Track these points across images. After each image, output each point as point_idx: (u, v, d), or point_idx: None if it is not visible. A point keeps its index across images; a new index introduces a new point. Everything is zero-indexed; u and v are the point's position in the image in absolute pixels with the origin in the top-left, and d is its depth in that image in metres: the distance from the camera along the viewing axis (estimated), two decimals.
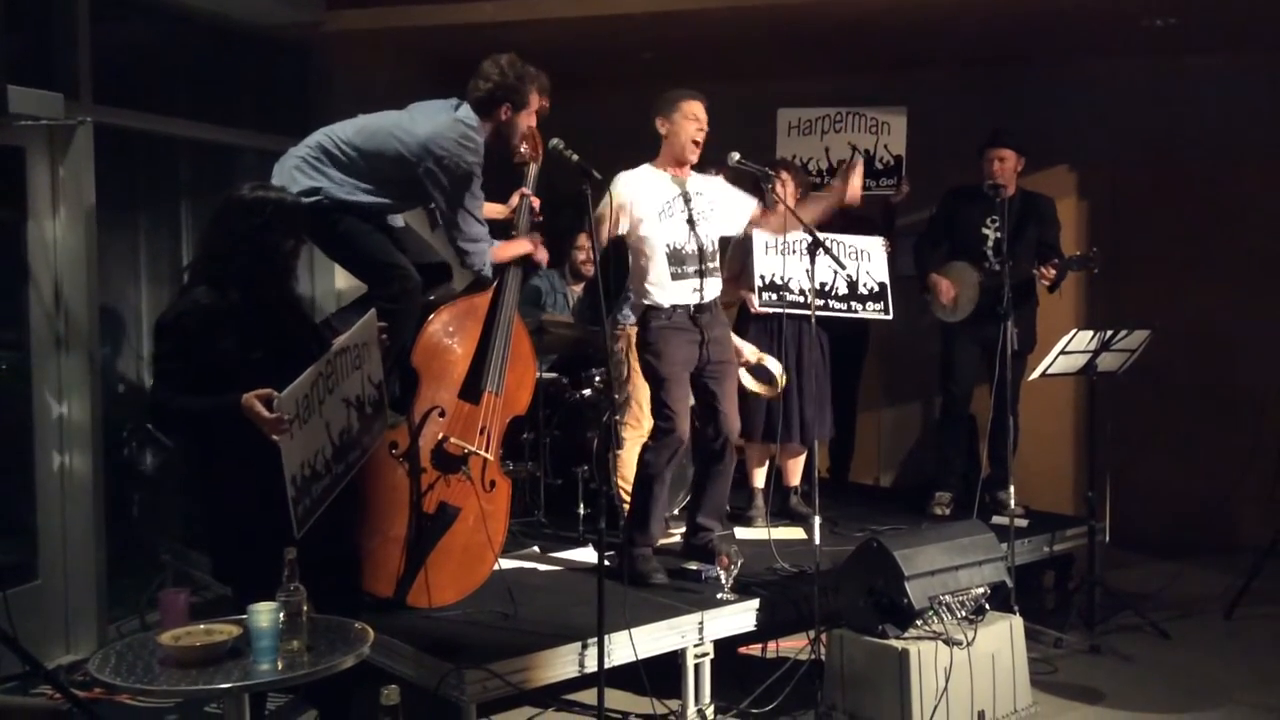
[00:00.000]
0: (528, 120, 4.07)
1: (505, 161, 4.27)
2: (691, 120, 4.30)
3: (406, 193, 4.01)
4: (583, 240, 5.78)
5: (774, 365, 4.93)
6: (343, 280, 5.58)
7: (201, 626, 2.65)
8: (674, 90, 4.36)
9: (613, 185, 4.30)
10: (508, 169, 4.29)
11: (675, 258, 4.33)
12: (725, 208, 4.49)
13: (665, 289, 4.33)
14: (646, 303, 4.37)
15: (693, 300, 4.36)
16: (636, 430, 5.02)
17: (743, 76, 6.57)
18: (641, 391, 4.95)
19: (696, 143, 4.32)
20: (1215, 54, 6.17)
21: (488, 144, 4.00)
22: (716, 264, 4.45)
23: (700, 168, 4.48)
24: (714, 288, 4.44)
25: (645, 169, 4.40)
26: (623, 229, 4.32)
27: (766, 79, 6.73)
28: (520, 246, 4.20)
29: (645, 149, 4.43)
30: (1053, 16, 5.60)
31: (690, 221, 4.36)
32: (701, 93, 4.36)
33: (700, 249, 4.36)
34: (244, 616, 2.56)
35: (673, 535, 4.81)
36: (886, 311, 5.18)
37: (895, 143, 5.80)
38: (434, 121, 3.92)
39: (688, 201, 4.37)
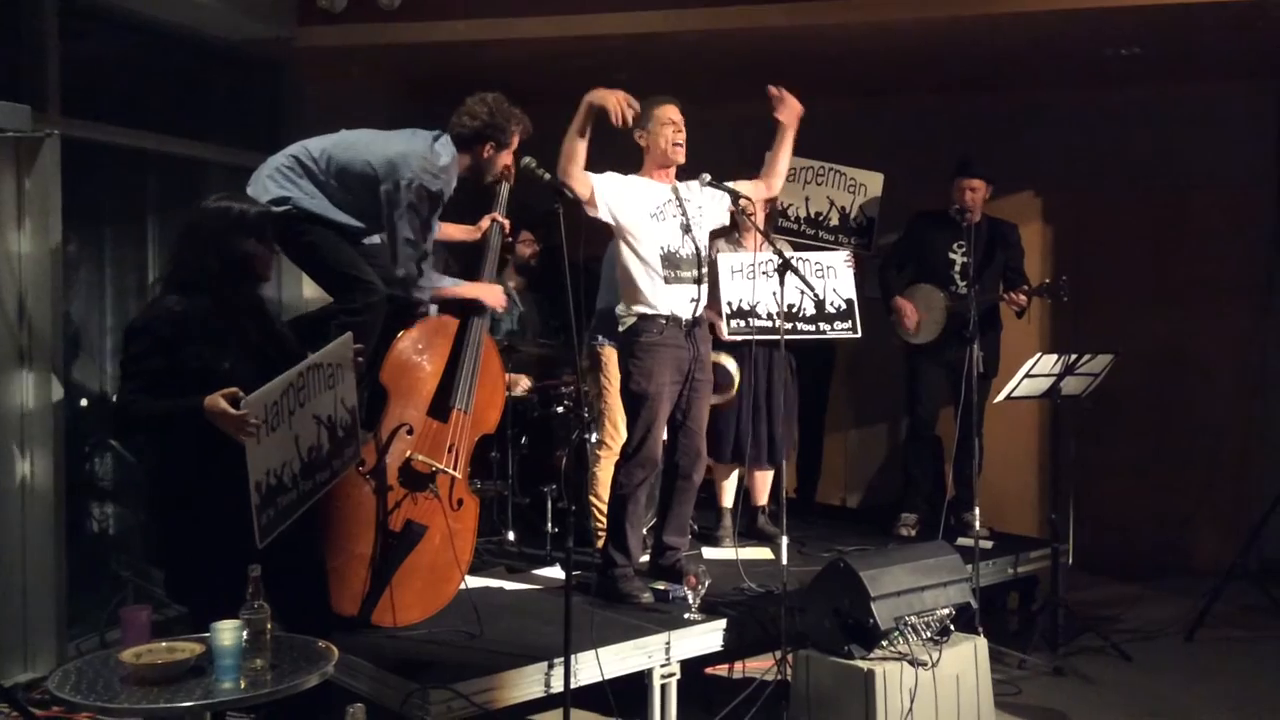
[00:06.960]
0: (505, 160, 4.12)
1: (476, 183, 4.28)
2: (667, 124, 4.27)
3: (370, 213, 3.98)
4: (523, 235, 5.79)
5: (730, 363, 4.90)
6: (310, 289, 5.54)
7: (163, 644, 2.63)
8: (645, 99, 4.28)
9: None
10: (478, 190, 4.29)
11: (669, 261, 4.24)
12: (710, 207, 4.43)
13: (658, 295, 4.22)
14: (638, 312, 4.24)
15: (687, 312, 4.27)
16: (613, 449, 4.97)
17: (715, 99, 6.61)
18: (616, 411, 4.93)
19: (678, 144, 4.27)
20: (1177, 84, 6.28)
21: (460, 175, 4.04)
22: (707, 270, 4.36)
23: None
24: (705, 298, 4.34)
25: (632, 177, 4.34)
26: (602, 214, 4.19)
27: (738, 102, 6.77)
28: (480, 291, 4.14)
29: (616, 168, 4.39)
30: (1018, 47, 5.69)
31: (685, 226, 4.31)
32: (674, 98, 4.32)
33: (695, 253, 4.29)
34: (206, 634, 2.54)
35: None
36: (855, 330, 5.05)
37: (870, 205, 5.79)
38: (407, 144, 3.93)
39: (681, 205, 4.32)
